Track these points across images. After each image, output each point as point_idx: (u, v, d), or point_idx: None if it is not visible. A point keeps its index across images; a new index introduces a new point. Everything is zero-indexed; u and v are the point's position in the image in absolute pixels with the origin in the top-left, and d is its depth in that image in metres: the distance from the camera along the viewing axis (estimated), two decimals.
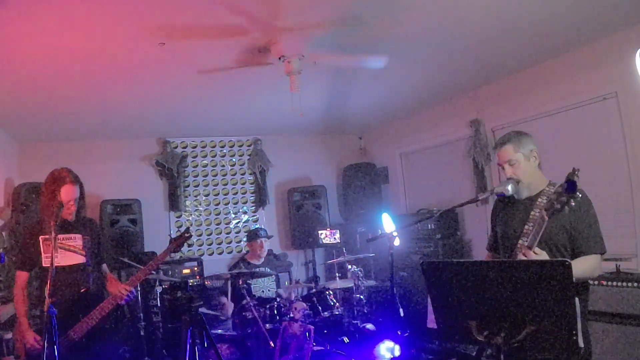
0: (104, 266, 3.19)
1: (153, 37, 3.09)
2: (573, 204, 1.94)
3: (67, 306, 2.78)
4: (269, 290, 4.92)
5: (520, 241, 2.31)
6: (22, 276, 2.92)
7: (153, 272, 3.16)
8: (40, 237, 2.89)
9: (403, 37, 3.46)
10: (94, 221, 3.24)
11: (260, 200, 6.62)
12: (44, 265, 2.87)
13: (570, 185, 1.91)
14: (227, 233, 6.54)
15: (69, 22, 2.77)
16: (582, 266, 2.19)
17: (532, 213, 2.31)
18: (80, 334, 2.78)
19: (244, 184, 6.68)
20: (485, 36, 3.58)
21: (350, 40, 3.42)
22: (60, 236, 2.78)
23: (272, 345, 3.72)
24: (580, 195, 1.94)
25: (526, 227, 2.31)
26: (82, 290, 2.91)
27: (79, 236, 2.99)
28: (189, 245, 6.23)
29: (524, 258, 2.09)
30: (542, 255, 2.08)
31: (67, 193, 2.88)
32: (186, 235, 3.23)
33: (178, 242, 3.16)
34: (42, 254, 2.88)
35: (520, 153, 2.35)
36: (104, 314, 2.85)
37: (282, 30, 3.16)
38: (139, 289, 4.71)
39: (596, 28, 3.58)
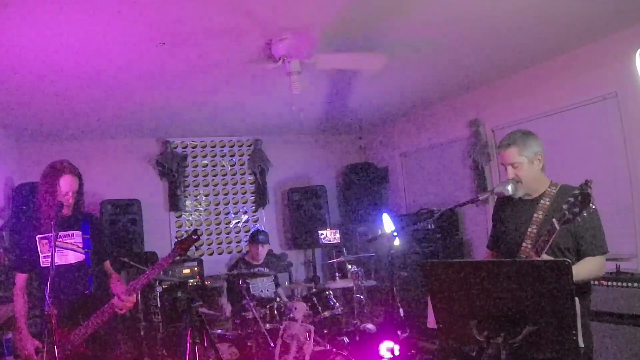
0: (107, 264, 3.05)
1: (153, 37, 3.09)
2: (585, 215, 1.94)
3: (67, 308, 2.71)
4: (267, 290, 4.92)
5: (524, 243, 2.30)
6: (21, 278, 2.83)
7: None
8: (37, 237, 2.79)
9: (403, 37, 3.46)
10: (94, 216, 3.09)
11: (260, 200, 6.62)
12: (42, 265, 2.78)
13: (585, 198, 1.91)
14: (227, 233, 6.54)
15: (69, 22, 2.77)
16: (588, 267, 2.19)
17: (535, 215, 2.31)
18: (79, 339, 2.69)
19: (244, 184, 6.68)
20: (485, 36, 3.58)
21: (349, 41, 3.42)
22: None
23: (272, 345, 3.72)
24: (593, 207, 1.94)
25: (529, 229, 2.30)
26: (85, 293, 2.81)
27: (77, 233, 2.88)
28: (196, 248, 6.22)
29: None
30: None
31: (66, 184, 2.76)
32: (193, 237, 3.06)
33: (184, 245, 3.02)
34: (40, 253, 2.78)
35: (524, 156, 2.33)
36: (103, 320, 2.74)
37: (282, 30, 3.16)
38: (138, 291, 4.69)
39: (596, 28, 3.58)
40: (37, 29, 2.82)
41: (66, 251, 2.83)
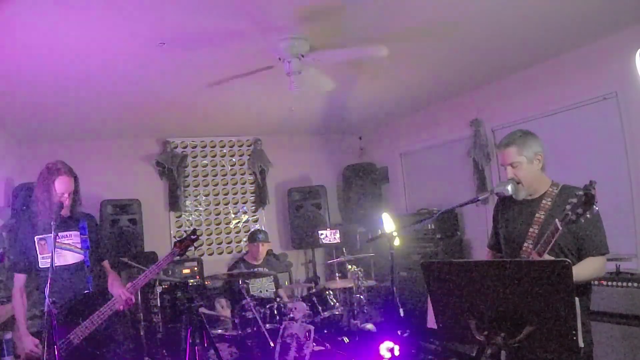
0: (106, 263, 3.06)
1: (153, 37, 3.09)
2: (589, 216, 1.94)
3: (67, 308, 2.72)
4: (267, 290, 4.92)
5: (525, 244, 2.30)
6: (20, 278, 2.84)
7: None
8: (36, 237, 2.80)
9: (403, 36, 3.46)
10: (91, 216, 3.08)
11: (260, 200, 6.62)
12: (40, 266, 2.78)
13: (589, 199, 1.91)
14: (227, 233, 6.53)
15: (69, 22, 2.77)
16: (589, 268, 2.19)
17: (537, 215, 2.30)
18: (80, 338, 2.69)
19: (244, 184, 6.68)
20: (485, 36, 3.58)
21: (350, 41, 3.42)
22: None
23: (272, 345, 3.72)
24: (597, 209, 1.94)
25: (531, 229, 2.30)
26: (84, 292, 2.82)
27: (75, 233, 2.88)
28: (195, 247, 6.21)
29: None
30: None
31: (62, 185, 2.76)
32: (192, 237, 3.08)
33: (183, 245, 3.04)
34: (39, 254, 2.79)
35: (523, 156, 2.33)
36: (104, 319, 2.75)
37: (282, 30, 3.16)
38: (138, 291, 4.69)
39: (596, 28, 3.58)
40: (36, 29, 2.81)
41: (64, 252, 2.82)
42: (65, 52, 3.18)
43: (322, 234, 5.96)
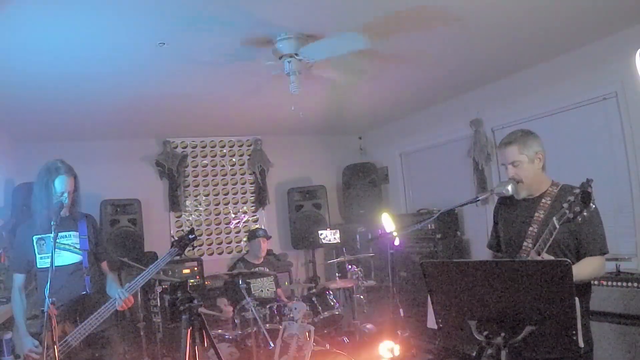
0: (104, 264, 3.03)
1: (153, 37, 3.09)
2: (586, 214, 1.93)
3: (65, 309, 2.69)
4: (267, 290, 4.92)
5: (525, 243, 2.30)
6: (18, 278, 2.82)
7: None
8: (34, 237, 2.77)
9: (403, 36, 3.46)
10: (90, 216, 3.03)
11: (260, 200, 6.62)
12: (39, 266, 2.76)
13: (585, 197, 1.90)
14: (227, 233, 6.54)
15: (68, 22, 2.77)
16: (588, 267, 2.19)
17: (536, 215, 2.30)
18: (78, 340, 2.66)
19: (244, 184, 6.69)
20: (485, 36, 3.58)
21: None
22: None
23: (272, 345, 3.72)
24: (594, 207, 1.94)
25: (530, 228, 2.30)
26: (82, 293, 2.79)
27: (74, 234, 2.85)
28: (193, 247, 6.19)
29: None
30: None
31: (61, 184, 2.72)
32: (190, 237, 3.07)
33: (181, 245, 3.03)
34: (37, 254, 2.76)
35: (524, 155, 2.33)
36: (102, 320, 2.72)
37: (283, 30, 3.16)
38: (138, 291, 4.67)
39: (596, 28, 3.57)
40: (36, 29, 2.81)
41: (62, 252, 2.79)
42: (65, 52, 3.18)
43: (322, 234, 5.96)
